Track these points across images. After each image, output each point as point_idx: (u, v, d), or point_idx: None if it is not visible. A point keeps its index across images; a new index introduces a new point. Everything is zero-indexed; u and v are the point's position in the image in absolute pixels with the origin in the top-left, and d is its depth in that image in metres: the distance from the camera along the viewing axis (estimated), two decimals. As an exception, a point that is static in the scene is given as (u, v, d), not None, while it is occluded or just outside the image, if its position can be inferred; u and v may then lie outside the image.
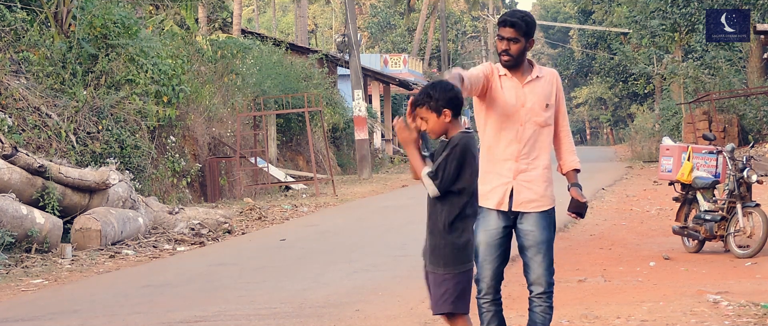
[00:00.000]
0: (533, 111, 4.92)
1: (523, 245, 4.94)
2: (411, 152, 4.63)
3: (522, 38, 4.88)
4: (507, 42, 4.89)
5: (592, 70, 51.77)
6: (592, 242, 11.62)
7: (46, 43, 14.29)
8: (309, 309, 7.49)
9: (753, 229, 9.80)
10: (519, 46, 4.89)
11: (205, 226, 13.31)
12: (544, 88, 4.97)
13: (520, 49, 4.89)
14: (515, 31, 4.87)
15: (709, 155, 10.65)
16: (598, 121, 63.62)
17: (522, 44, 4.89)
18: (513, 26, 4.87)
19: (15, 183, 10.99)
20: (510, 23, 4.88)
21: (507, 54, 4.89)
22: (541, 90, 4.95)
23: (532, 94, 4.93)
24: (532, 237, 4.92)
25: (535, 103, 4.92)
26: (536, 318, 4.98)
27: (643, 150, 31.07)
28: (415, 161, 4.62)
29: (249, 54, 23.75)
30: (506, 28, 4.89)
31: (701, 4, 29.69)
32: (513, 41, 4.88)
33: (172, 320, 7.22)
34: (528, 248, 4.93)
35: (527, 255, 4.95)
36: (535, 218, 4.93)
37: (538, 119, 4.93)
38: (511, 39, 4.88)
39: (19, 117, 13.00)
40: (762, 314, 6.68)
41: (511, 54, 4.89)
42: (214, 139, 20.05)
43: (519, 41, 4.88)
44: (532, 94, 4.93)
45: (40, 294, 8.91)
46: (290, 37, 45.19)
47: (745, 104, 27.24)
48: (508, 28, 4.88)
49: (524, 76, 4.95)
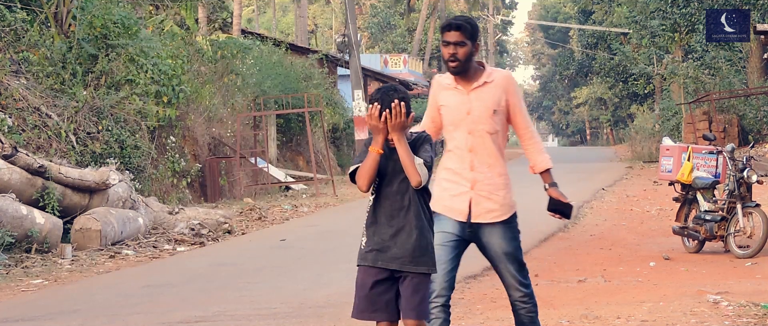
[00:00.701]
0: (480, 119, 4.80)
1: (491, 257, 4.85)
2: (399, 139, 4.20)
3: (468, 42, 4.75)
4: (453, 46, 4.75)
5: (592, 70, 51.73)
6: (592, 242, 11.62)
7: (46, 43, 14.29)
8: (309, 309, 7.49)
9: (753, 229, 9.80)
10: (466, 50, 4.75)
11: (205, 226, 13.31)
12: (492, 93, 4.83)
13: (467, 53, 4.76)
14: (461, 35, 4.74)
15: (709, 155, 10.65)
16: (598, 122, 63.55)
17: (469, 48, 4.76)
18: (458, 29, 4.74)
19: (15, 184, 10.98)
20: (455, 26, 4.75)
21: (455, 59, 4.76)
22: (488, 96, 4.81)
23: (479, 100, 4.81)
24: (498, 248, 4.83)
25: (482, 111, 4.80)
26: (523, 319, 4.95)
27: (643, 150, 31.05)
28: (405, 148, 4.20)
29: (249, 54, 23.74)
30: (451, 31, 4.75)
31: (701, 4, 29.69)
32: (460, 45, 4.75)
33: (172, 320, 7.22)
34: (497, 260, 4.84)
35: (498, 266, 4.86)
36: (498, 230, 4.82)
37: (485, 127, 4.81)
38: (458, 43, 4.74)
39: (19, 117, 13.00)
40: (762, 314, 6.68)
41: (459, 59, 4.75)
42: (214, 139, 20.05)
43: (465, 45, 4.75)
44: (479, 100, 4.81)
45: (40, 294, 8.91)
46: (290, 37, 45.19)
47: (745, 104, 27.23)
48: (453, 31, 4.74)
49: (471, 82, 4.82)
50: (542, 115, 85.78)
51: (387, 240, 4.24)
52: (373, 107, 4.20)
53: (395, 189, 4.26)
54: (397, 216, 4.25)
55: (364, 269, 4.30)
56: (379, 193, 4.28)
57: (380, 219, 4.27)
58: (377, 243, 4.25)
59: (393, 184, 4.27)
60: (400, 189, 4.25)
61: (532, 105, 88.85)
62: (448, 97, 4.86)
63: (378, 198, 4.28)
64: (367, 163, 4.20)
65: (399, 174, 4.24)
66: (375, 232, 4.27)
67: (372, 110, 4.20)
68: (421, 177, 4.19)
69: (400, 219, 4.25)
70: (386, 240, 4.25)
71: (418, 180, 4.17)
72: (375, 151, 4.18)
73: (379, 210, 4.27)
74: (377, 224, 4.27)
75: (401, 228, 4.24)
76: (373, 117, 4.18)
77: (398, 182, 4.25)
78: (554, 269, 9.46)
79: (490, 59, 65.49)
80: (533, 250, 10.78)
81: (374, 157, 4.18)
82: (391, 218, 4.25)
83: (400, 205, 4.25)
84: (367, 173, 4.20)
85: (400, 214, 4.25)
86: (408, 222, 4.24)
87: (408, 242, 4.23)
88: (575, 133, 73.80)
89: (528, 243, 11.11)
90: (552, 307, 7.28)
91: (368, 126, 4.23)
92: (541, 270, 9.28)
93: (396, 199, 4.25)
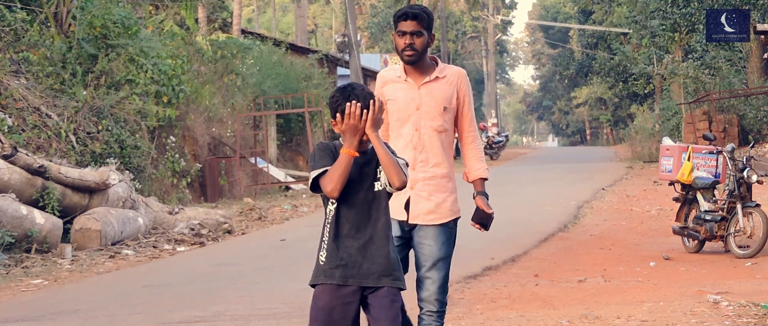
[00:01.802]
0: (429, 114, 4.60)
1: (418, 259, 4.54)
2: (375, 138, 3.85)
3: (425, 32, 4.57)
4: (410, 36, 4.56)
5: (592, 70, 51.74)
6: (592, 242, 11.62)
7: (46, 43, 14.29)
8: (309, 309, 7.48)
9: (753, 229, 9.80)
10: (422, 40, 4.57)
11: (205, 226, 13.31)
12: (443, 89, 4.63)
13: (424, 43, 4.58)
14: (418, 24, 4.55)
15: (709, 155, 10.65)
16: (598, 121, 63.55)
17: (425, 38, 4.57)
18: (415, 18, 4.56)
19: (15, 184, 10.98)
20: (412, 15, 4.56)
21: (411, 48, 4.56)
22: (439, 92, 4.61)
23: (429, 96, 4.61)
24: (429, 251, 4.52)
25: (432, 106, 4.60)
26: None
27: (643, 150, 31.04)
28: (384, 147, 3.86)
29: (249, 54, 23.75)
30: (408, 21, 4.55)
31: (701, 4, 29.69)
32: (416, 35, 4.56)
33: (172, 320, 7.22)
34: (423, 263, 4.52)
35: (421, 271, 4.53)
36: (432, 232, 4.53)
37: (433, 124, 4.60)
38: (415, 32, 4.56)
39: (19, 117, 13.00)
40: (762, 314, 6.68)
41: (416, 48, 4.56)
42: (214, 139, 20.05)
43: (422, 35, 4.57)
44: (429, 96, 4.61)
45: (40, 294, 8.91)
46: (290, 37, 45.19)
47: (745, 104, 27.22)
48: (410, 21, 4.55)
49: (423, 76, 4.63)
50: (542, 115, 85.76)
51: (355, 254, 3.85)
52: (353, 105, 3.82)
53: (362, 197, 3.88)
54: (365, 227, 3.87)
55: (329, 289, 3.85)
56: (342, 202, 3.87)
57: (344, 230, 3.86)
58: (344, 258, 3.84)
59: (359, 192, 3.89)
60: (368, 197, 3.89)
61: (532, 105, 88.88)
62: (396, 91, 4.66)
63: (340, 207, 3.88)
64: (341, 166, 3.81)
65: (367, 180, 3.90)
66: (340, 246, 3.85)
67: (352, 109, 3.82)
68: (405, 177, 3.85)
69: (368, 230, 3.87)
70: (354, 254, 3.85)
71: (403, 180, 3.83)
72: (349, 153, 3.82)
73: (343, 220, 3.87)
74: (341, 236, 3.86)
75: (369, 239, 3.86)
76: (354, 116, 3.81)
77: (365, 189, 3.90)
78: (554, 269, 9.46)
79: (490, 59, 65.52)
80: (533, 250, 10.78)
81: (348, 159, 3.81)
82: (358, 229, 3.86)
83: (368, 214, 3.88)
84: (340, 178, 3.80)
85: (368, 225, 3.87)
86: (377, 233, 3.87)
87: (379, 255, 3.86)
88: (575, 133, 73.79)
89: (528, 243, 11.13)
90: (552, 307, 7.28)
91: (344, 127, 3.84)
92: (541, 270, 9.28)
93: (363, 208, 3.88)
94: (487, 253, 9.92)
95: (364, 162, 3.89)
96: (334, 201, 3.88)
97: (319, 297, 3.88)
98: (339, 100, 3.88)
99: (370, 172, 3.91)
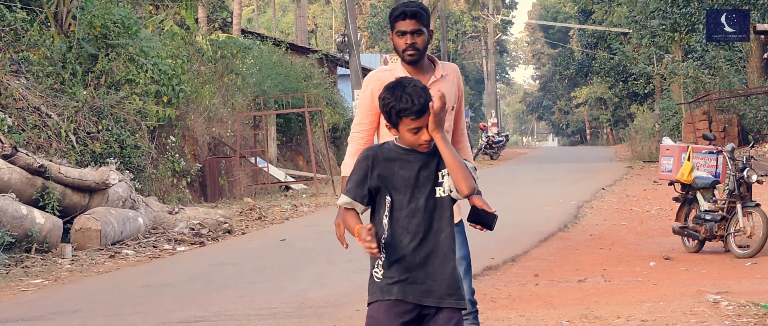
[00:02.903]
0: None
1: None
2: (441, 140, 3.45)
3: (424, 29, 4.38)
4: (410, 35, 4.37)
5: (592, 70, 51.76)
6: (592, 242, 11.62)
7: (46, 43, 14.29)
8: (309, 309, 7.49)
9: (753, 229, 9.80)
10: (423, 38, 4.39)
11: (205, 226, 13.31)
12: (449, 89, 4.48)
13: (425, 41, 4.40)
14: (417, 22, 4.35)
15: (709, 155, 10.65)
16: (598, 121, 63.54)
17: (425, 36, 4.39)
18: (415, 17, 4.35)
19: (15, 184, 10.99)
20: (411, 14, 4.35)
21: (413, 48, 4.38)
22: (446, 91, 4.34)
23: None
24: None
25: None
26: None
27: (643, 150, 31.06)
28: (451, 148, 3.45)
29: (249, 54, 23.76)
30: (407, 20, 4.35)
31: (701, 4, 29.69)
32: (417, 34, 4.37)
33: (172, 320, 7.22)
34: None
35: None
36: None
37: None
38: (415, 31, 4.36)
39: (19, 117, 13.01)
40: (762, 314, 6.68)
41: (418, 47, 4.39)
42: (214, 139, 20.05)
43: (422, 33, 4.38)
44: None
45: (40, 294, 8.91)
46: (290, 37, 45.18)
47: (745, 104, 27.24)
48: (409, 19, 4.35)
49: (426, 76, 4.45)
50: (542, 115, 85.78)
51: (415, 269, 3.44)
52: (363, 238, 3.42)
53: (422, 205, 3.46)
54: (425, 239, 3.44)
55: (386, 306, 3.44)
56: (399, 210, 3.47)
57: (403, 242, 3.44)
58: (402, 272, 3.43)
59: (419, 198, 3.47)
60: (428, 204, 3.46)
61: (532, 105, 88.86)
62: None
63: (397, 216, 3.47)
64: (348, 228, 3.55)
65: (426, 185, 3.48)
66: (397, 260, 3.45)
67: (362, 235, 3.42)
68: (474, 183, 3.46)
69: (429, 242, 3.45)
70: (414, 268, 3.44)
71: (472, 186, 3.43)
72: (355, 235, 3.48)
73: (400, 231, 3.45)
74: (398, 249, 3.45)
75: (431, 253, 3.45)
76: (365, 242, 3.40)
77: (425, 196, 3.47)
78: (554, 269, 9.46)
79: (490, 59, 65.51)
80: (533, 250, 10.78)
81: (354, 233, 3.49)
82: (418, 241, 3.44)
83: (428, 225, 3.45)
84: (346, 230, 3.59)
85: (429, 236, 3.45)
86: (439, 246, 3.46)
87: (443, 271, 3.45)
88: (575, 133, 73.80)
89: (528, 243, 11.13)
90: (552, 307, 7.28)
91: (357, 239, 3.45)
92: (541, 270, 9.28)
93: (423, 217, 3.45)
94: (487, 253, 9.91)
95: (423, 164, 3.48)
96: (387, 212, 3.48)
97: (374, 317, 3.49)
98: (391, 102, 3.44)
99: (429, 176, 3.48)
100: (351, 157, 4.58)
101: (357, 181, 3.51)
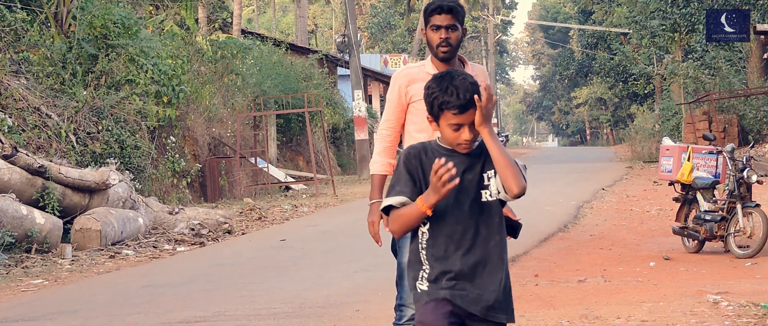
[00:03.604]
0: None
1: None
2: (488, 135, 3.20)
3: (459, 26, 4.33)
4: (445, 30, 4.31)
5: (592, 70, 51.80)
6: (592, 242, 11.62)
7: (46, 43, 14.29)
8: (309, 309, 7.49)
9: (753, 229, 9.79)
10: (457, 35, 4.34)
11: (205, 226, 13.31)
12: None
13: (458, 37, 4.35)
14: (453, 18, 4.30)
15: (709, 155, 10.65)
16: (598, 121, 63.58)
17: (459, 32, 4.34)
18: (451, 12, 4.30)
19: (15, 184, 10.99)
20: (447, 9, 4.29)
21: (447, 43, 4.32)
22: None
23: None
24: None
25: None
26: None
27: (643, 150, 31.07)
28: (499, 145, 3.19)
29: (249, 54, 23.77)
30: (442, 14, 4.29)
31: (701, 4, 29.70)
32: (451, 29, 4.32)
33: (172, 320, 7.22)
34: None
35: None
36: None
37: None
38: (450, 26, 4.31)
39: (19, 117, 13.01)
40: (762, 314, 6.68)
41: (452, 43, 4.33)
42: (214, 139, 20.06)
43: (457, 29, 4.33)
44: None
45: (40, 294, 8.91)
46: (290, 37, 45.19)
47: (745, 104, 27.25)
48: (445, 14, 4.29)
49: None
50: (542, 115, 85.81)
51: (462, 279, 3.17)
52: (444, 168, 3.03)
53: (467, 211, 3.20)
54: (472, 248, 3.18)
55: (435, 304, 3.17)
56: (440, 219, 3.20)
57: (449, 248, 3.19)
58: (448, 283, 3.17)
59: (463, 204, 3.21)
60: (474, 209, 3.20)
61: (532, 105, 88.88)
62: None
63: (439, 225, 3.20)
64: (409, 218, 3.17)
65: (470, 189, 3.21)
66: (444, 263, 3.19)
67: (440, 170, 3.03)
68: (525, 182, 3.17)
69: (477, 251, 3.18)
70: (463, 274, 3.18)
71: (523, 185, 3.14)
72: (424, 209, 3.12)
73: (444, 240, 3.20)
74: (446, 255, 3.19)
75: (481, 261, 3.18)
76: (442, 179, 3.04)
77: (470, 201, 3.21)
78: (554, 269, 9.46)
79: (490, 59, 65.50)
80: (533, 250, 10.78)
81: (420, 215, 3.15)
82: (465, 251, 3.18)
83: (475, 232, 3.19)
84: (406, 226, 3.19)
85: (476, 244, 3.18)
86: (489, 255, 3.20)
87: (492, 282, 3.19)
88: (575, 133, 73.83)
89: (528, 243, 11.12)
90: (552, 307, 7.28)
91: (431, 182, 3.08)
92: (541, 270, 9.28)
93: (469, 224, 3.19)
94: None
95: (467, 166, 3.21)
96: (426, 220, 3.18)
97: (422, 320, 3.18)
98: (435, 92, 3.19)
99: (473, 179, 3.21)
100: (380, 155, 4.53)
101: (407, 180, 3.21)
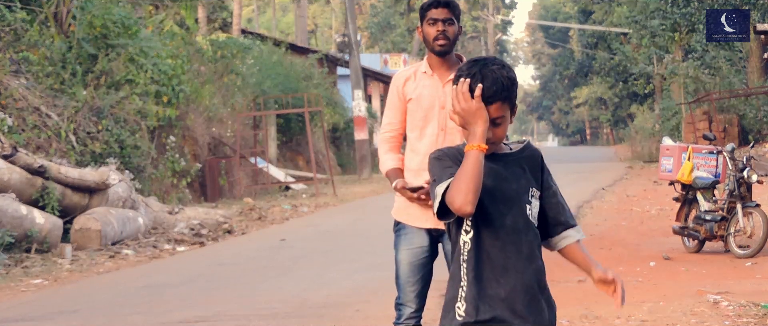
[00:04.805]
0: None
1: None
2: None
3: (456, 21, 4.37)
4: (442, 24, 4.33)
5: (592, 70, 51.76)
6: (592, 242, 11.61)
7: (46, 43, 14.29)
8: (309, 309, 7.49)
9: (753, 229, 9.79)
10: (454, 29, 4.37)
11: (205, 226, 13.31)
12: None
13: (455, 32, 4.38)
14: (449, 12, 4.35)
15: (709, 155, 10.64)
16: (598, 121, 63.56)
17: (456, 27, 4.38)
18: (447, 6, 4.35)
19: (15, 183, 10.98)
20: (444, 3, 4.34)
21: (444, 37, 4.33)
22: None
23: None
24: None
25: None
26: None
27: (643, 150, 31.08)
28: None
29: (249, 54, 23.77)
30: (439, 8, 4.34)
31: (701, 4, 29.68)
32: (448, 22, 4.35)
33: (172, 320, 7.22)
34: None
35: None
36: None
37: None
38: (446, 20, 4.34)
39: (19, 117, 13.00)
40: (762, 314, 6.68)
41: (449, 37, 4.35)
42: (214, 139, 20.06)
43: (454, 23, 4.37)
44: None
45: (40, 294, 8.91)
46: (290, 37, 45.18)
47: (746, 104, 27.24)
48: (442, 8, 4.34)
49: (449, 72, 4.32)
50: (542, 115, 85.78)
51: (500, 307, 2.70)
52: (462, 83, 2.65)
53: (509, 224, 2.71)
54: (510, 269, 2.70)
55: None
56: (482, 229, 2.70)
57: (487, 271, 2.70)
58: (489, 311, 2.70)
59: (506, 215, 2.71)
60: (517, 223, 2.72)
61: (532, 105, 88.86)
62: (420, 87, 4.39)
63: (481, 235, 2.71)
64: (469, 169, 2.59)
65: (513, 197, 2.74)
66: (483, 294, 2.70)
67: (460, 87, 2.65)
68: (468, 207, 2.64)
69: (514, 273, 2.71)
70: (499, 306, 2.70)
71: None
72: (478, 147, 2.61)
73: (484, 256, 2.70)
74: (483, 279, 2.70)
75: (518, 287, 2.71)
76: (464, 95, 2.64)
77: (512, 212, 2.72)
78: (554, 269, 9.41)
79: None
80: (533, 250, 10.77)
81: (478, 157, 2.61)
82: (506, 270, 2.70)
83: (516, 249, 2.71)
84: (471, 184, 2.58)
85: (516, 264, 2.71)
86: (529, 278, 2.74)
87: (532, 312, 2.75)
88: (575, 133, 73.80)
89: (528, 243, 11.12)
90: (552, 307, 7.27)
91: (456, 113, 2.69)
92: (541, 270, 9.27)
93: (509, 240, 2.70)
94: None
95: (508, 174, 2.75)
96: (469, 228, 2.72)
97: None
98: (462, 75, 2.73)
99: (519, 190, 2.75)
100: (387, 154, 4.50)
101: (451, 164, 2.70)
